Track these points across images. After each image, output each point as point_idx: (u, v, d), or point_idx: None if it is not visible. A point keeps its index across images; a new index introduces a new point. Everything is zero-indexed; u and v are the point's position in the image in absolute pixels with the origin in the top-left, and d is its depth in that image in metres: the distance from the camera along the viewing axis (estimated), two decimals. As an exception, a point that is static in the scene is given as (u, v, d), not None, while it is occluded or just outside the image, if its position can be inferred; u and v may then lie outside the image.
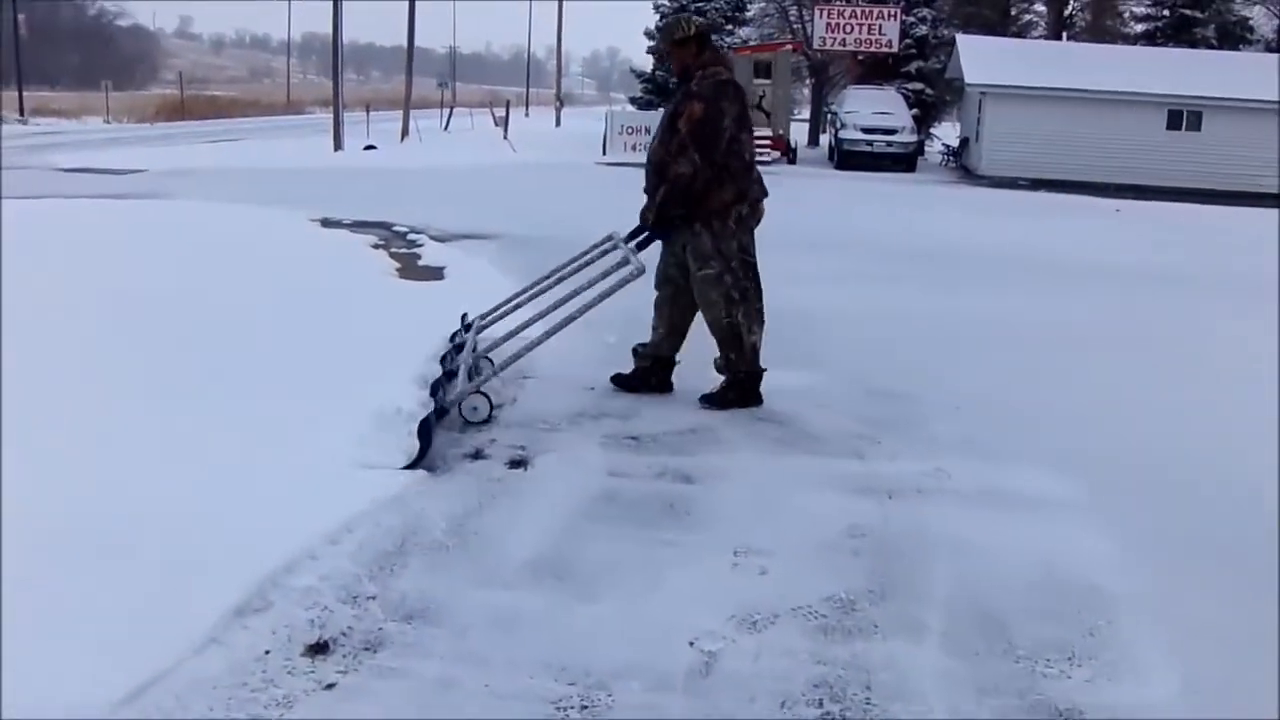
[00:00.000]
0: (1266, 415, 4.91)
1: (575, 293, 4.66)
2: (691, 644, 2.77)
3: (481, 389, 4.45)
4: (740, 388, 4.82)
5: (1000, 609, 3.04)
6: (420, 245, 9.80)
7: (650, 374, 5.00)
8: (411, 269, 8.56)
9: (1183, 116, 22.20)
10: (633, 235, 4.94)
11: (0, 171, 15.49)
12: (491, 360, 4.80)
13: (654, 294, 4.97)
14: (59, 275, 7.21)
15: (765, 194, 4.84)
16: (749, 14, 32.18)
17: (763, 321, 4.84)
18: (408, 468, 3.80)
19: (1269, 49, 28.86)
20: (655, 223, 4.71)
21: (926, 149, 26.81)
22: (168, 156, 20.85)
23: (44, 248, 8.50)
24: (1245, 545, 3.52)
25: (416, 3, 27.87)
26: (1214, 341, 6.84)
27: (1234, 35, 29.82)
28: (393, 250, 9.46)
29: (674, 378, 5.03)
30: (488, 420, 4.40)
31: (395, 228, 10.91)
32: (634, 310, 5.16)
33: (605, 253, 5.16)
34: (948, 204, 16.88)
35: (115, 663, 2.48)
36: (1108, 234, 13.28)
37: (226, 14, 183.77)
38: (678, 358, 5.02)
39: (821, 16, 26.82)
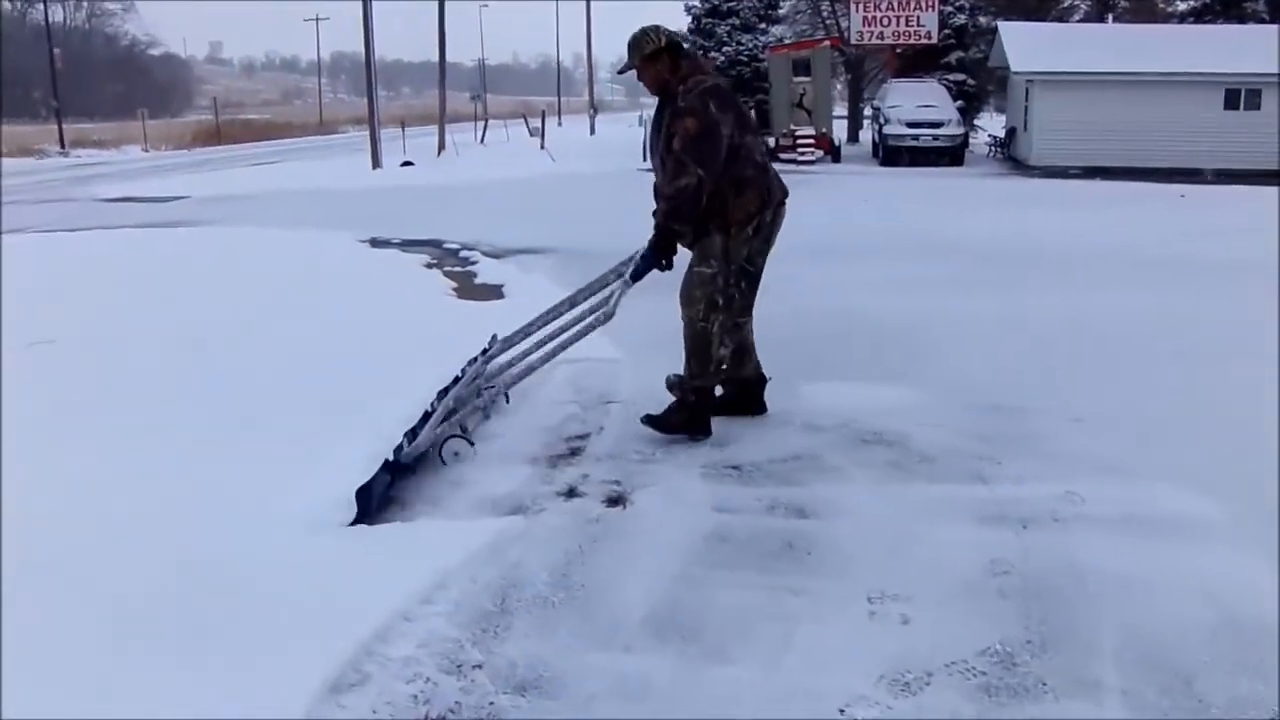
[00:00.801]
0: None
1: (568, 325, 4.44)
2: (842, 711, 2.46)
3: (464, 431, 4.14)
4: (690, 410, 4.36)
5: (1177, 656, 2.69)
6: (474, 262, 9.56)
7: (741, 400, 4.67)
8: (469, 288, 8.32)
9: (1240, 95, 21.51)
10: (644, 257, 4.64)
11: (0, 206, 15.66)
12: (494, 387, 4.53)
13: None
14: (116, 306, 7.06)
15: (786, 193, 4.50)
16: (781, 11, 31.79)
17: (738, 338, 4.47)
18: (352, 524, 3.43)
19: (1322, 20, 27.99)
20: (657, 243, 4.30)
21: (971, 140, 26.24)
22: (208, 182, 20.88)
23: (92, 279, 8.38)
24: None
25: (445, 16, 27.83)
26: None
27: (1284, 8, 28.98)
28: (447, 269, 9.23)
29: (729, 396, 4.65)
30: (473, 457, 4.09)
31: (446, 245, 10.69)
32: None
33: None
34: (1003, 198, 16.37)
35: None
36: (1181, 222, 12.75)
37: (256, 37, 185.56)
38: (766, 374, 4.70)
39: (858, 10, 26.37)
